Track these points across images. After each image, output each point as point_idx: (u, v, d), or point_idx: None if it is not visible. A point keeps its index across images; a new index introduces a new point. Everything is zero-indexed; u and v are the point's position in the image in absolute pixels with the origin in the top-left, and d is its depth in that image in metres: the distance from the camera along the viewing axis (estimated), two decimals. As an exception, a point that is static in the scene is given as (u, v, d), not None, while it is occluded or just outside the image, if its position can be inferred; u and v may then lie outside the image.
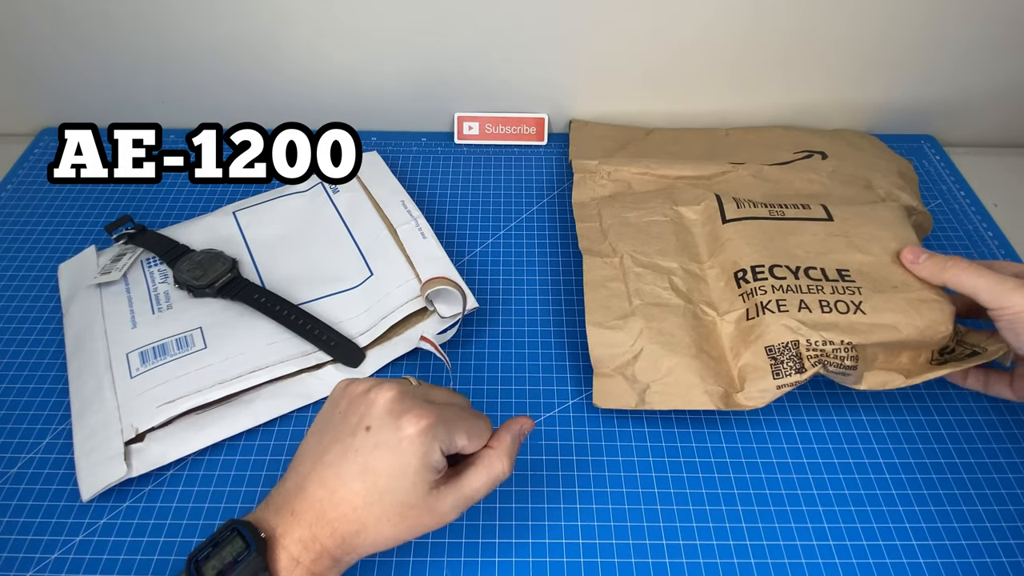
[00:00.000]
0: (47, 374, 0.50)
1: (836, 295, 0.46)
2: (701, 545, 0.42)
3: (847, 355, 0.44)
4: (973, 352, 0.45)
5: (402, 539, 0.34)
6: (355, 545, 0.33)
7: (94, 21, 0.63)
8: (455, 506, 0.34)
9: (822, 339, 0.44)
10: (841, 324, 0.45)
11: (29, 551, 0.41)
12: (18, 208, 0.63)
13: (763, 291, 0.47)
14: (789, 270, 0.48)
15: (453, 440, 0.34)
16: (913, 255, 0.47)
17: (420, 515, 0.33)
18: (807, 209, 0.53)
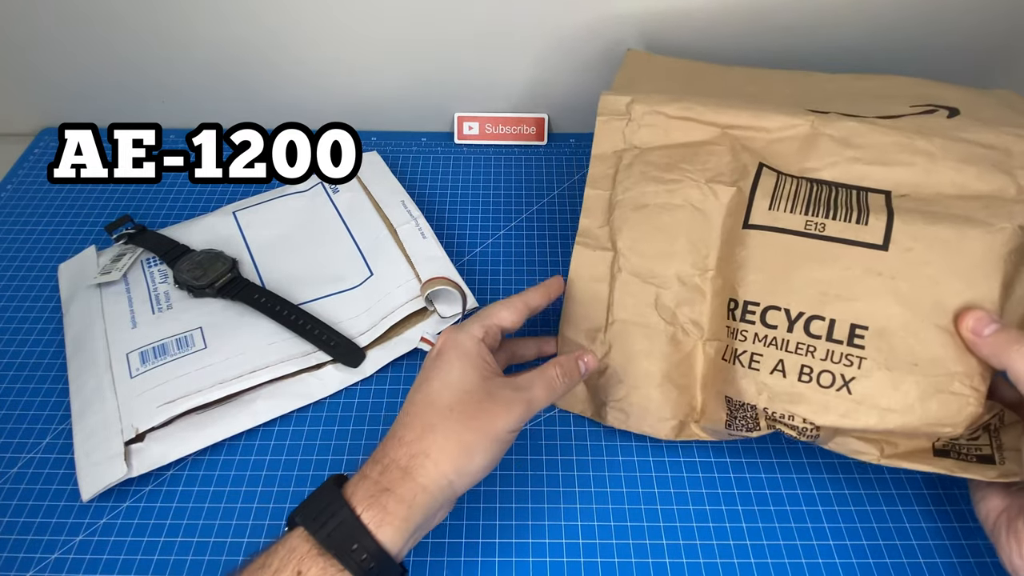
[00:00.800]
0: (47, 374, 0.50)
1: (827, 362, 0.38)
2: (701, 545, 0.42)
3: (809, 432, 0.39)
4: (984, 458, 0.37)
5: (476, 436, 0.33)
6: (425, 449, 0.33)
7: (94, 21, 0.63)
8: (516, 397, 0.35)
9: (784, 412, 0.39)
10: (813, 400, 0.38)
11: (29, 551, 0.41)
12: (18, 208, 0.63)
13: (743, 337, 0.40)
14: (787, 317, 0.39)
15: (482, 322, 0.38)
16: (978, 324, 0.35)
17: (481, 400, 0.34)
18: (860, 226, 0.39)
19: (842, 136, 0.42)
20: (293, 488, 0.44)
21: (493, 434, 0.34)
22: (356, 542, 0.31)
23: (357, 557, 0.30)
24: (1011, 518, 0.36)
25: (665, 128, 0.45)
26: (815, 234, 0.40)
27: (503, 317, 0.40)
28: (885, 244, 0.38)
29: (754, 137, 0.44)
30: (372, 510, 0.32)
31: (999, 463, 0.37)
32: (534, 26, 0.63)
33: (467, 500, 0.44)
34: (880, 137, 0.41)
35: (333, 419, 0.48)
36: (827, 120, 0.42)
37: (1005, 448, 0.37)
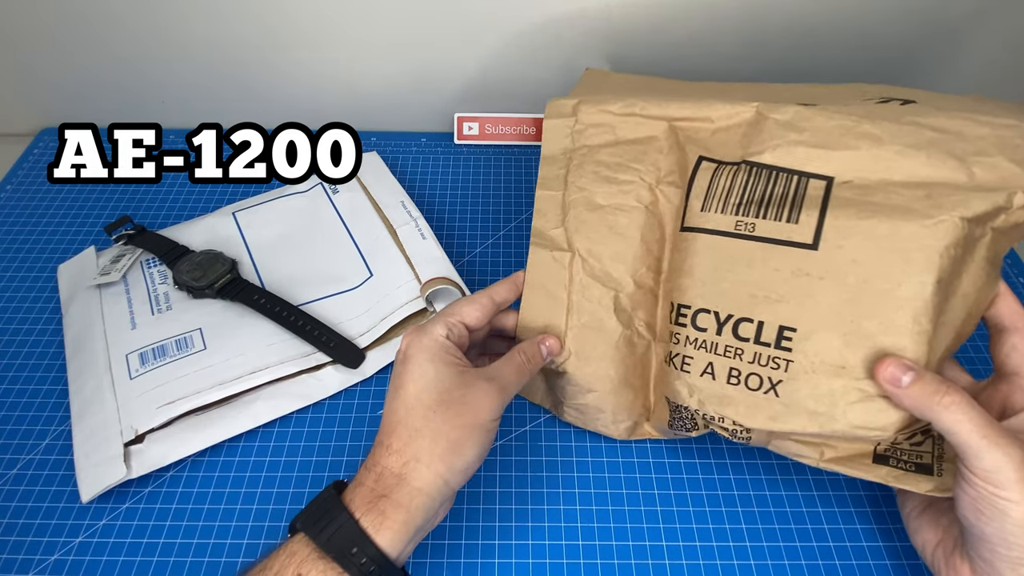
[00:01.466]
0: (47, 375, 0.50)
1: (755, 365, 0.37)
2: (701, 547, 0.42)
3: (740, 434, 0.39)
4: (922, 467, 0.36)
5: (463, 432, 0.34)
6: (415, 453, 0.33)
7: (94, 21, 0.63)
8: (492, 386, 0.36)
9: (715, 414, 0.39)
10: (742, 403, 0.38)
11: (29, 552, 0.41)
12: (18, 208, 0.63)
13: (676, 340, 0.40)
14: (716, 320, 0.39)
15: (444, 320, 0.38)
16: (894, 374, 0.33)
17: (461, 396, 0.35)
18: (791, 225, 0.38)
19: (787, 120, 0.40)
20: (293, 489, 0.44)
21: (478, 426, 0.34)
22: (356, 546, 0.31)
23: (357, 560, 0.31)
24: (947, 552, 0.35)
25: (612, 126, 0.45)
26: (745, 234, 0.39)
27: (466, 314, 0.39)
28: (815, 243, 0.37)
29: (699, 128, 0.43)
30: (371, 515, 0.32)
31: (936, 474, 0.36)
32: (534, 26, 0.63)
33: (466, 501, 0.44)
34: (825, 121, 0.39)
35: (333, 420, 0.48)
36: (774, 106, 0.41)
37: (946, 458, 0.36)
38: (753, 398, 0.37)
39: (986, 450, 0.30)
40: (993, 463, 0.30)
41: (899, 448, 0.37)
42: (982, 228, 0.36)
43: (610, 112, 0.44)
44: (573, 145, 0.45)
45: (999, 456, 0.30)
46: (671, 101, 0.43)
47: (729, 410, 0.38)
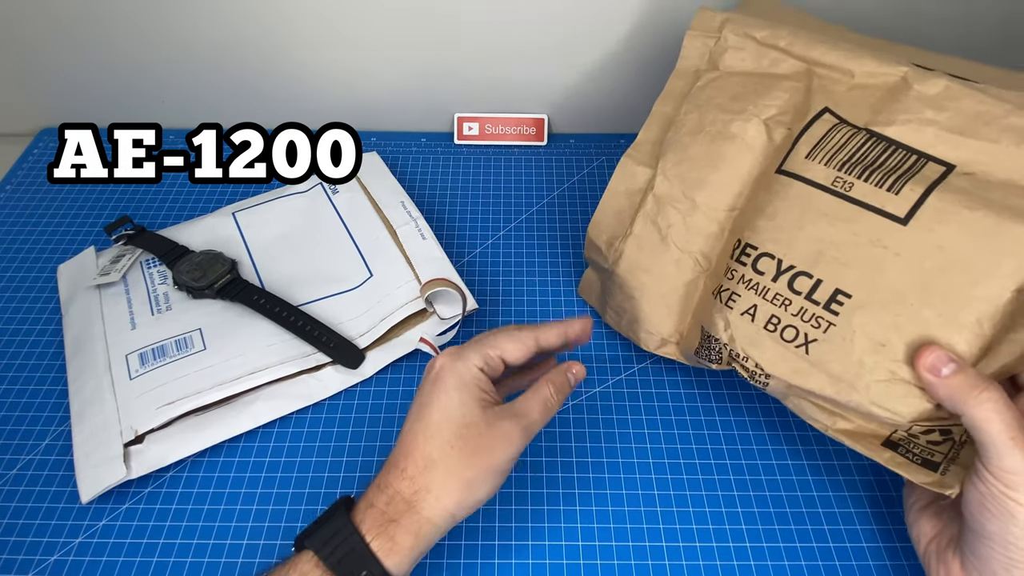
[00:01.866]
0: (47, 375, 0.50)
1: (797, 319, 0.38)
2: (701, 547, 0.42)
3: (759, 378, 0.40)
4: (929, 463, 0.36)
5: (477, 472, 0.34)
6: (427, 484, 0.33)
7: (94, 21, 0.63)
8: (515, 426, 0.35)
9: (742, 352, 0.39)
10: (770, 350, 0.38)
11: (28, 553, 0.41)
12: (18, 208, 0.63)
13: (731, 276, 0.40)
14: (778, 267, 0.38)
15: (484, 352, 0.37)
16: (936, 363, 0.33)
17: (481, 435, 0.34)
18: (888, 194, 0.36)
19: (932, 94, 0.37)
20: (293, 489, 0.44)
21: (494, 467, 0.34)
22: (365, 568, 0.32)
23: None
24: (941, 547, 0.36)
25: (752, 54, 0.44)
26: (839, 192, 0.38)
27: (508, 351, 0.38)
28: (906, 219, 0.35)
29: (837, 80, 0.41)
30: (380, 539, 0.32)
31: (940, 472, 0.35)
32: (534, 26, 0.63)
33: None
34: (973, 104, 0.36)
35: (333, 420, 0.48)
36: (923, 75, 0.38)
37: (957, 461, 0.35)
38: (783, 348, 0.38)
39: (1010, 451, 0.30)
40: (1013, 464, 0.30)
41: (914, 440, 0.37)
42: None
43: (753, 38, 0.44)
44: (706, 65, 0.46)
45: (1021, 459, 0.30)
46: (819, 44, 0.42)
47: (756, 352, 0.39)
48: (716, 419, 0.48)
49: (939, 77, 0.38)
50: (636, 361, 0.51)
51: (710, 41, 0.46)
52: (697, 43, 0.46)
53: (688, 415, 0.48)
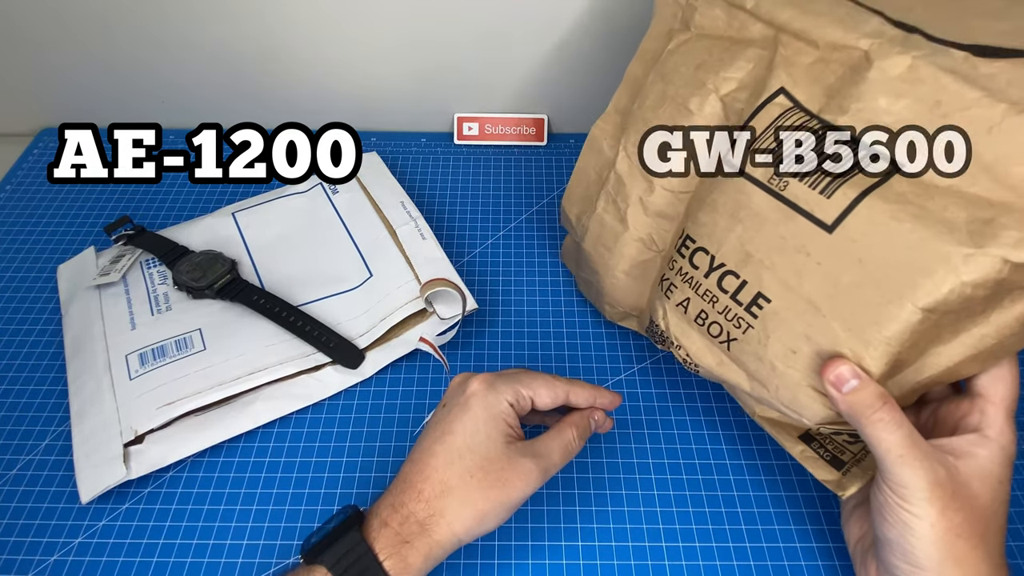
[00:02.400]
0: (47, 375, 0.50)
1: (722, 317, 0.38)
2: (701, 547, 0.42)
3: (691, 365, 0.41)
4: (835, 461, 0.38)
5: (492, 506, 0.34)
6: (441, 509, 0.34)
7: (94, 21, 0.63)
8: (535, 467, 0.35)
9: (675, 341, 0.41)
10: (697, 342, 0.40)
11: (28, 553, 0.41)
12: (18, 208, 0.63)
13: (672, 266, 0.41)
14: (710, 264, 0.38)
15: (517, 390, 0.37)
16: (839, 378, 0.33)
17: (502, 469, 0.35)
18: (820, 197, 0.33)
19: (891, 76, 0.33)
20: (292, 490, 0.44)
21: (508, 503, 0.35)
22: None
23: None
24: (864, 549, 0.37)
25: (722, 15, 0.41)
26: (774, 191, 0.35)
27: (541, 395, 0.38)
28: (832, 226, 0.33)
29: (801, 50, 0.37)
30: (393, 559, 0.33)
31: (842, 472, 0.37)
32: (534, 26, 0.62)
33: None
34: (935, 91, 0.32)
35: (333, 420, 0.48)
36: (887, 49, 0.33)
37: (861, 465, 0.37)
38: (708, 342, 0.39)
39: (898, 467, 0.32)
40: (902, 479, 0.32)
41: (830, 436, 0.39)
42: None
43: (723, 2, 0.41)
44: (679, 25, 0.43)
45: (909, 474, 0.31)
46: (789, 5, 0.38)
47: (686, 342, 0.41)
48: (716, 419, 0.48)
49: (906, 52, 0.33)
50: (636, 361, 0.51)
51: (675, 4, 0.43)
52: (669, 1, 0.44)
53: (688, 415, 0.48)
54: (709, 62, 0.40)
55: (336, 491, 0.44)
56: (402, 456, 0.45)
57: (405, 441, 0.47)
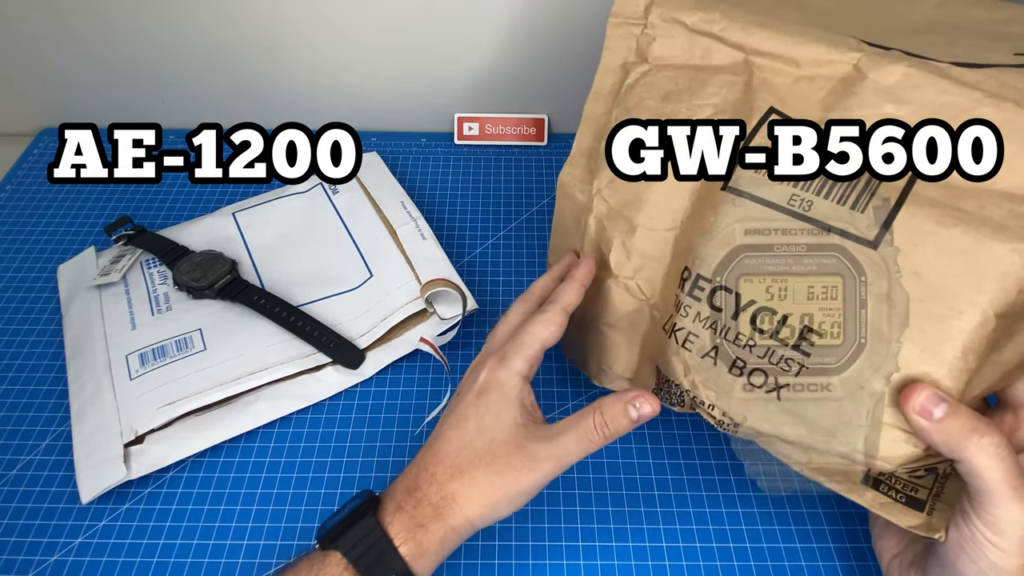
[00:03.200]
0: (47, 375, 0.50)
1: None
2: (701, 548, 0.42)
3: (727, 426, 0.35)
4: (914, 502, 0.33)
5: (502, 494, 0.33)
6: (453, 493, 0.33)
7: (94, 21, 0.63)
8: (547, 455, 0.33)
9: (706, 400, 0.35)
10: (738, 397, 0.34)
11: (28, 553, 0.41)
12: (18, 208, 0.63)
13: (685, 313, 0.35)
14: (736, 303, 0.34)
15: (527, 352, 0.36)
16: (927, 404, 0.29)
17: (510, 453, 0.33)
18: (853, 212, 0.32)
19: (888, 85, 0.32)
20: (293, 490, 0.44)
21: (517, 492, 0.33)
22: (394, 572, 0.32)
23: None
24: (903, 565, 0.35)
25: (683, 43, 0.38)
26: (798, 212, 0.32)
27: (545, 337, 0.37)
28: (876, 241, 0.31)
29: (780, 70, 0.35)
30: (408, 544, 0.32)
31: (926, 512, 0.32)
32: (534, 26, 0.63)
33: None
34: (936, 94, 0.31)
35: (333, 421, 0.48)
36: (878, 60, 0.33)
37: (943, 499, 0.32)
38: (752, 394, 0.34)
39: (1007, 503, 0.28)
40: (1011, 516, 0.28)
41: (896, 475, 0.33)
42: None
43: (684, 25, 0.38)
44: (634, 57, 0.40)
45: (1018, 511, 0.28)
46: (759, 27, 0.36)
47: (723, 401, 0.35)
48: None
49: (896, 62, 0.33)
50: (636, 361, 0.51)
51: (635, 29, 0.40)
52: (621, 32, 0.40)
53: (688, 414, 0.48)
54: (677, 91, 0.38)
55: (336, 491, 0.44)
56: (403, 456, 0.46)
57: (406, 441, 0.47)
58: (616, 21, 0.41)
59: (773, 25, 0.36)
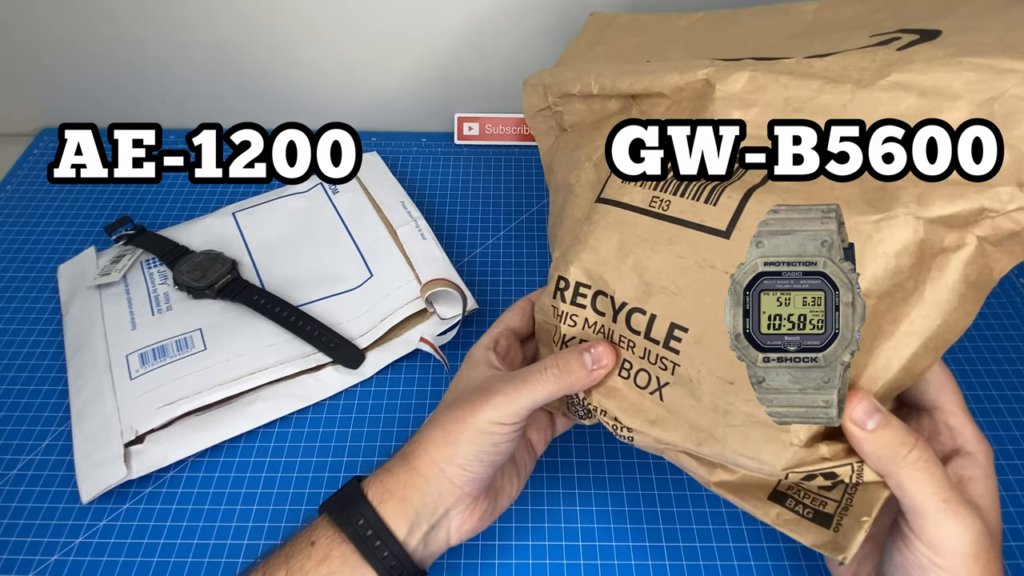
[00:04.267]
0: (47, 375, 0.50)
1: (644, 361, 0.33)
2: (701, 547, 0.42)
3: (621, 432, 0.35)
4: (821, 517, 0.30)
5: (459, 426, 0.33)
6: (419, 438, 0.35)
7: (94, 21, 0.63)
8: (501, 390, 0.34)
9: (598, 405, 0.35)
10: (626, 399, 0.34)
11: (29, 553, 0.41)
12: (18, 208, 0.63)
13: (574, 321, 0.36)
14: (612, 305, 0.34)
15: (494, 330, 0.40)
16: (863, 415, 0.28)
17: (471, 393, 0.35)
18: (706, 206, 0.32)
19: (734, 93, 0.34)
20: (293, 489, 0.44)
21: (473, 424, 0.33)
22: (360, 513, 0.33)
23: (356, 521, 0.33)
24: None
25: (581, 107, 0.43)
26: (658, 212, 0.33)
27: (510, 320, 0.41)
28: (728, 230, 0.30)
29: (655, 103, 0.38)
30: (374, 489, 0.34)
31: (832, 528, 0.30)
32: (534, 26, 0.63)
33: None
34: (779, 91, 0.33)
35: (333, 420, 0.48)
36: (725, 72, 0.34)
37: (850, 513, 0.30)
38: (639, 396, 0.34)
39: (943, 518, 0.27)
40: (947, 533, 0.27)
41: (804, 488, 0.31)
42: (958, 234, 0.28)
43: (572, 94, 0.42)
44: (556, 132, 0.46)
45: (954, 529, 0.27)
46: (625, 75, 0.39)
47: (612, 404, 0.34)
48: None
49: (741, 69, 0.34)
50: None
51: (547, 113, 0.46)
52: (538, 120, 0.46)
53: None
54: (582, 143, 0.42)
55: (337, 491, 0.44)
56: (403, 456, 0.46)
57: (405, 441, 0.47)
58: (530, 115, 0.47)
59: (635, 70, 0.39)
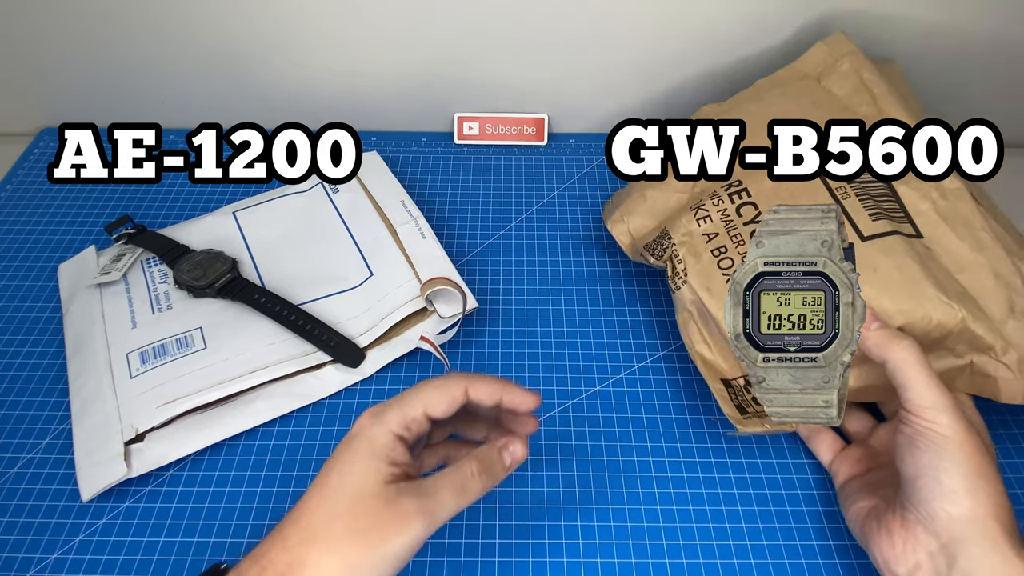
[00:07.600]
0: (47, 374, 0.50)
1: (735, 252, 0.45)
2: (701, 546, 0.42)
3: (678, 281, 0.47)
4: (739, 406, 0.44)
5: (363, 557, 0.29)
6: (302, 557, 0.29)
7: (94, 21, 0.63)
8: (416, 509, 0.30)
9: (682, 257, 0.47)
10: (706, 266, 0.46)
11: (29, 551, 0.41)
12: (18, 208, 0.63)
13: (717, 201, 0.47)
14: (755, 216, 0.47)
15: (404, 411, 0.32)
16: (869, 319, 0.38)
17: (374, 512, 0.30)
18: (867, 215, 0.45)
19: None
20: (293, 488, 0.44)
21: (383, 555, 0.29)
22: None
23: None
24: (879, 513, 0.37)
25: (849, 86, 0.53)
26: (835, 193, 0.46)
27: (431, 403, 0.33)
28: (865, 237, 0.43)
29: None
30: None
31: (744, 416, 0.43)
32: (534, 26, 0.63)
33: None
34: None
35: (333, 419, 0.48)
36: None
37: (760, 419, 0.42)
38: (713, 270, 0.44)
39: (928, 386, 0.35)
40: (932, 399, 0.35)
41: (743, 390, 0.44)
42: None
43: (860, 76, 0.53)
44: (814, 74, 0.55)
45: (937, 394, 0.35)
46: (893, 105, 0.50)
47: (691, 261, 0.46)
48: (718, 418, 0.48)
49: None
50: (636, 360, 0.51)
51: (830, 59, 0.55)
52: (821, 54, 0.55)
53: (688, 414, 0.48)
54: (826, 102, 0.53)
55: (337, 489, 0.44)
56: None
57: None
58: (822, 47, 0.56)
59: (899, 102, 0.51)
